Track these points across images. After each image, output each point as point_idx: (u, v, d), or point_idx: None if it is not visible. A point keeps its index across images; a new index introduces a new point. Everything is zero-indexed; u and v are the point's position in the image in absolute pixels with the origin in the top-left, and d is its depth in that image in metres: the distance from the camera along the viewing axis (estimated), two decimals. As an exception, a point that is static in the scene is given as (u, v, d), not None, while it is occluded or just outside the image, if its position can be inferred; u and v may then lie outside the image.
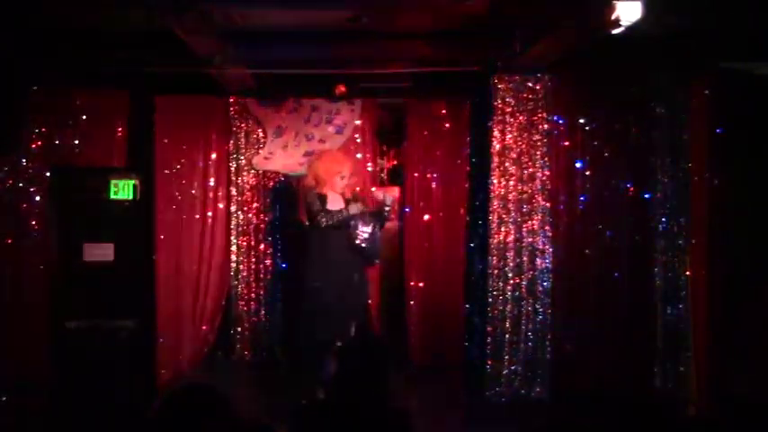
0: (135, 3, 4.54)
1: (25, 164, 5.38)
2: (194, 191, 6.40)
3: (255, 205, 6.48)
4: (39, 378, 5.14)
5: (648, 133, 5.57)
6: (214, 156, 6.45)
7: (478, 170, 5.80)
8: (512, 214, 5.52)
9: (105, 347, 4.96)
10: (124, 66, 5.51)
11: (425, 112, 6.52)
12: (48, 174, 5.29)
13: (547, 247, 5.57)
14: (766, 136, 5.39)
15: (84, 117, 5.80)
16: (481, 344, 5.58)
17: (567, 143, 5.76)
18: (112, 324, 5.01)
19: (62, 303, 5.02)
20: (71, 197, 5.07)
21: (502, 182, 5.52)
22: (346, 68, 5.91)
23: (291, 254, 6.40)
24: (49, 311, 5.09)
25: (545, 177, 5.55)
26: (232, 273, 6.47)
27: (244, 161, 6.45)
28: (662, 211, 5.55)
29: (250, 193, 6.47)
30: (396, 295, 6.61)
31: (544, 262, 5.56)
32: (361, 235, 5.25)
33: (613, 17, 3.95)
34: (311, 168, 5.47)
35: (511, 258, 5.53)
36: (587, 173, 5.73)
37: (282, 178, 6.47)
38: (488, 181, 5.52)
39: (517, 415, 5.18)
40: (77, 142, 5.71)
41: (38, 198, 5.38)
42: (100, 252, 5.01)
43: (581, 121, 5.74)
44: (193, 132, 6.40)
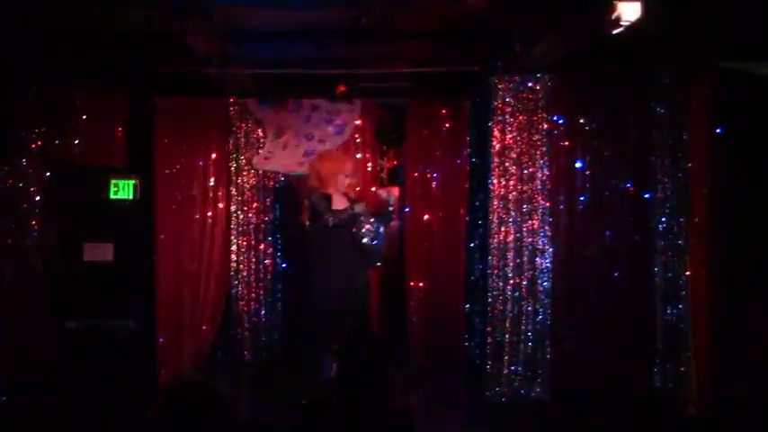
0: (135, 3, 4.54)
1: (25, 164, 5.37)
2: (194, 191, 6.40)
3: (255, 205, 6.47)
4: (39, 378, 5.13)
5: (648, 133, 5.57)
6: (214, 156, 6.45)
7: (478, 170, 5.80)
8: (512, 214, 5.53)
9: (105, 347, 4.97)
10: (124, 66, 5.51)
11: (425, 112, 6.51)
12: (48, 174, 5.29)
13: (547, 247, 5.57)
14: (766, 136, 5.39)
15: (84, 117, 5.79)
16: (481, 344, 5.59)
17: (567, 143, 5.75)
18: (112, 324, 5.02)
19: (62, 303, 5.02)
20: (71, 197, 5.07)
21: (502, 182, 5.53)
22: (346, 68, 5.91)
23: (291, 254, 6.41)
24: (49, 311, 5.09)
25: (545, 177, 5.56)
26: (232, 273, 6.47)
27: (244, 161, 6.44)
28: (662, 211, 5.54)
29: (250, 193, 6.46)
30: (396, 295, 6.61)
31: (544, 262, 5.57)
32: (366, 235, 5.25)
33: (613, 17, 3.96)
34: (313, 169, 5.47)
35: (511, 258, 5.54)
36: (587, 173, 5.72)
37: (282, 178, 6.47)
38: (488, 181, 5.53)
39: (517, 415, 5.18)
40: (77, 142, 5.70)
41: (38, 198, 5.37)
42: (100, 252, 5.02)
43: (581, 121, 5.73)
44: (193, 132, 6.40)
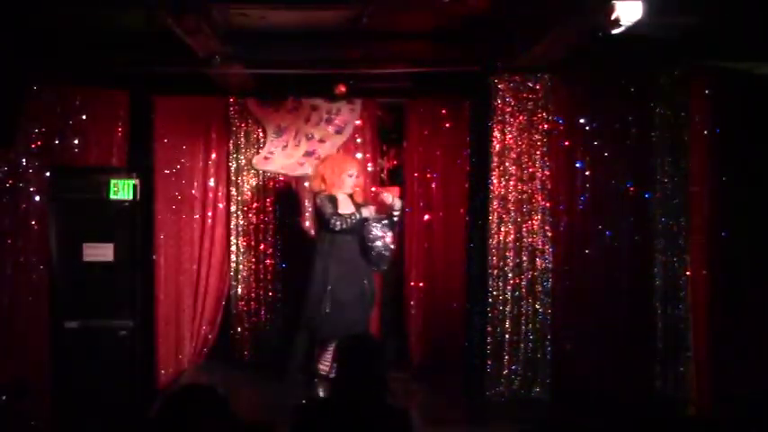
0: (135, 3, 4.54)
1: (25, 164, 5.37)
2: (194, 191, 6.41)
3: (255, 205, 6.48)
4: (39, 378, 5.13)
5: (648, 133, 5.56)
6: (214, 156, 6.45)
7: (478, 170, 5.79)
8: (512, 214, 5.53)
9: (105, 347, 4.97)
10: (124, 66, 5.51)
11: (425, 112, 6.52)
12: (48, 174, 5.29)
13: (547, 247, 5.57)
14: (766, 136, 5.39)
15: (84, 117, 5.78)
16: (481, 344, 5.58)
17: (567, 143, 5.75)
18: (112, 324, 5.02)
19: (62, 303, 5.02)
20: (71, 197, 5.07)
21: (502, 182, 5.52)
22: (346, 68, 5.91)
23: (292, 254, 6.40)
24: (49, 311, 5.09)
25: (545, 177, 5.55)
26: (232, 273, 6.47)
27: (244, 161, 6.44)
28: (662, 211, 5.54)
29: (250, 193, 6.47)
30: (396, 295, 6.61)
31: (544, 262, 5.57)
32: (374, 239, 5.24)
33: (613, 17, 3.95)
34: (317, 172, 5.46)
35: (511, 258, 5.53)
36: (587, 173, 5.71)
37: (282, 178, 6.47)
38: (488, 181, 5.52)
39: (517, 415, 5.18)
40: (77, 142, 5.69)
41: (38, 198, 5.37)
42: (99, 252, 5.02)
43: (581, 121, 5.72)
44: (193, 132, 6.41)
